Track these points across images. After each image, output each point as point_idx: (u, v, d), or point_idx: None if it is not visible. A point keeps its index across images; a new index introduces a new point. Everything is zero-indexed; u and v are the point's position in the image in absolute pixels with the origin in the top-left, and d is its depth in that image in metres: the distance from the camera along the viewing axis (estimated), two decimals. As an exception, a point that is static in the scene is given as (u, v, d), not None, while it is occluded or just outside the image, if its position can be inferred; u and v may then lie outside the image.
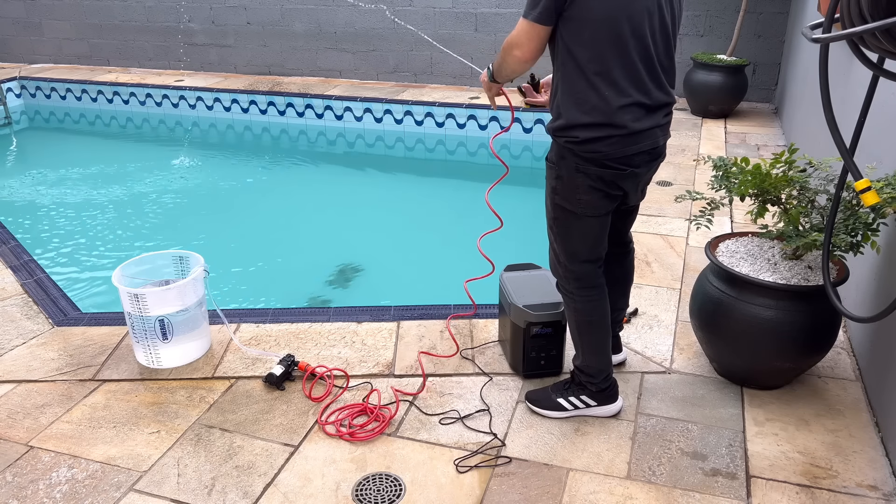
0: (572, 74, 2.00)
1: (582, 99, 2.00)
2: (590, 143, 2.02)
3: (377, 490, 2.14)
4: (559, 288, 2.34)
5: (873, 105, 2.58)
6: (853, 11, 1.54)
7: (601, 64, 1.96)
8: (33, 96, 7.73)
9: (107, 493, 2.16)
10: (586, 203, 2.12)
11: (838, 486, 2.14)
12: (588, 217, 2.14)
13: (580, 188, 2.09)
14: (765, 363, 2.48)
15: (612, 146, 2.02)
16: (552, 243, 2.27)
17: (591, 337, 2.32)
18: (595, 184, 2.08)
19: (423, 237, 4.49)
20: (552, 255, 2.31)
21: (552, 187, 2.16)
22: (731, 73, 5.73)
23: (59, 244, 4.44)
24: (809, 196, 2.46)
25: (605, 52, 1.95)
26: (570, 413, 2.43)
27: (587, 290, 2.26)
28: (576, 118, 2.01)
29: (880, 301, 2.47)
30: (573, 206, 2.13)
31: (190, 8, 7.55)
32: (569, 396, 2.42)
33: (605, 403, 2.41)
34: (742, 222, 3.94)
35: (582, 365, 2.37)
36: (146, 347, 2.71)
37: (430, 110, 6.41)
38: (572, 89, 2.01)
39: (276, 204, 5.09)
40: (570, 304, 2.30)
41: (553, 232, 2.24)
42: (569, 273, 2.25)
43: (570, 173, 2.08)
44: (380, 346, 2.86)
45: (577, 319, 2.31)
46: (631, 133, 2.01)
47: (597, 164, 2.05)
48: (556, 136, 2.09)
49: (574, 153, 2.06)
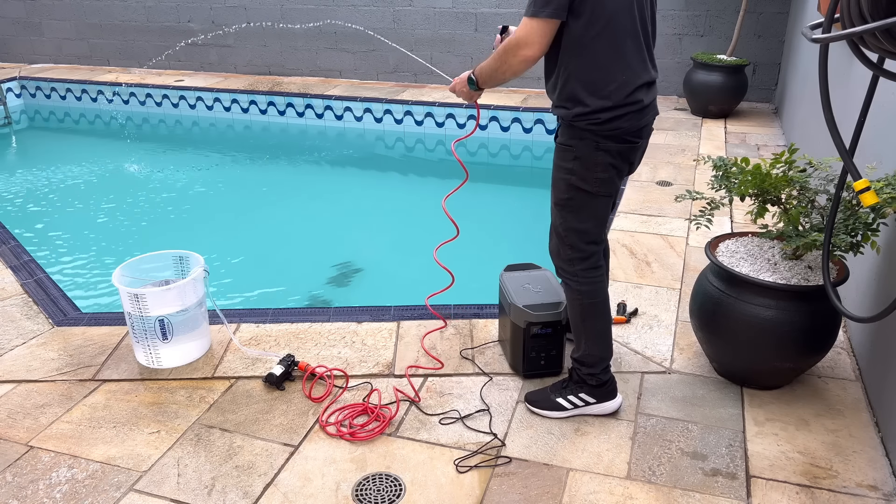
0: (587, 64, 2.08)
1: (601, 85, 2.09)
2: (611, 122, 2.12)
3: (377, 490, 2.15)
4: (562, 273, 2.35)
5: (873, 105, 2.58)
6: (853, 11, 1.54)
7: (616, 50, 2.07)
8: (33, 96, 7.73)
9: (107, 493, 2.16)
10: (602, 181, 2.20)
11: (838, 486, 2.14)
12: (601, 196, 2.23)
13: (599, 166, 2.18)
14: (765, 363, 2.48)
15: (630, 121, 2.14)
16: (559, 228, 2.29)
17: (594, 321, 2.34)
18: (614, 160, 2.18)
19: (423, 237, 4.49)
20: (557, 240, 2.32)
21: (568, 169, 2.21)
22: (731, 73, 5.73)
23: (59, 244, 4.44)
24: (809, 196, 2.47)
25: (619, 39, 2.06)
26: (569, 412, 2.43)
27: (592, 270, 2.31)
28: (597, 103, 2.10)
29: (880, 301, 2.47)
30: (590, 185, 2.20)
31: (190, 8, 7.55)
32: (567, 395, 2.42)
33: (604, 400, 2.42)
34: (742, 222, 3.94)
35: (583, 356, 2.37)
36: (146, 347, 2.71)
37: (430, 110, 6.42)
38: (588, 78, 2.09)
39: (276, 204, 5.09)
40: (576, 287, 2.32)
41: (564, 214, 2.27)
42: (576, 254, 2.29)
43: (590, 152, 2.16)
44: (380, 346, 2.86)
45: (583, 303, 2.32)
46: (643, 108, 2.16)
47: (616, 140, 2.15)
48: (575, 121, 2.16)
49: (595, 133, 2.14)
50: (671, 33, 6.34)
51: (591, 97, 2.10)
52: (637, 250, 3.59)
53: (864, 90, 1.88)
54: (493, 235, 2.95)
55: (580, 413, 2.43)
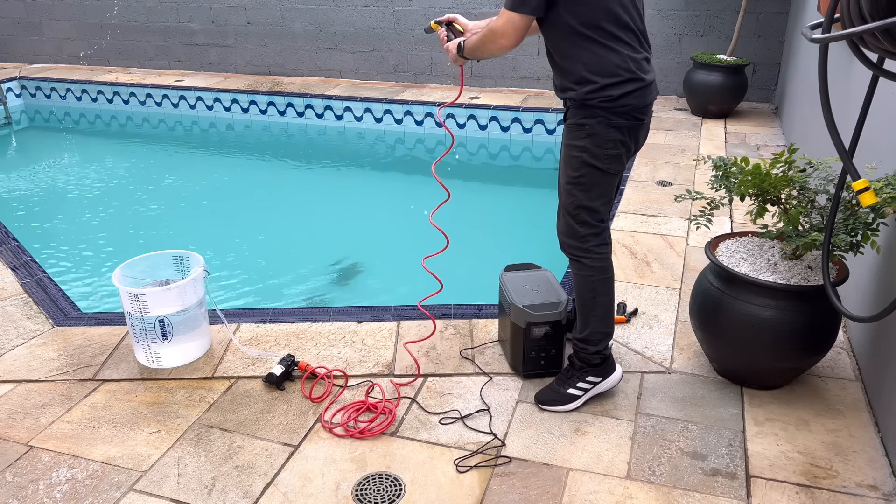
0: (590, 46, 2.17)
1: (606, 63, 2.17)
2: (622, 98, 2.20)
3: (377, 490, 2.15)
4: (574, 252, 2.39)
5: (873, 105, 2.58)
6: (853, 11, 1.54)
7: (615, 30, 2.16)
8: (33, 96, 7.73)
9: (107, 492, 2.16)
10: (614, 158, 2.27)
11: (838, 485, 2.14)
12: (611, 174, 2.31)
13: (611, 142, 2.25)
14: (764, 363, 2.48)
15: (637, 98, 2.22)
16: (569, 207, 2.35)
17: (605, 297, 2.40)
18: (623, 137, 2.26)
19: (423, 237, 4.49)
20: (569, 219, 2.36)
21: (580, 147, 2.28)
22: (731, 73, 5.73)
23: (59, 244, 4.44)
24: (809, 196, 2.47)
25: (615, 20, 2.16)
26: (583, 398, 2.47)
27: (603, 246, 2.38)
28: (606, 80, 2.18)
29: (880, 301, 2.47)
30: (602, 162, 2.27)
31: (190, 8, 7.55)
32: (576, 383, 2.46)
33: (608, 375, 2.49)
34: (742, 222, 3.94)
35: (589, 334, 2.42)
36: (146, 347, 2.71)
37: (430, 110, 6.41)
38: (593, 59, 2.18)
39: (276, 204, 5.09)
40: (588, 264, 2.37)
41: (576, 192, 2.32)
42: (589, 231, 2.34)
43: (603, 128, 2.23)
44: (380, 346, 2.87)
45: (595, 279, 2.38)
46: (647, 84, 2.23)
47: (625, 117, 2.23)
48: (587, 99, 2.22)
49: (606, 110, 2.21)
50: (671, 33, 6.34)
51: (597, 76, 2.18)
52: (637, 250, 3.59)
53: (863, 90, 1.88)
54: (493, 235, 2.95)
55: (592, 394, 2.49)
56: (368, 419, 2.43)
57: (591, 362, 2.45)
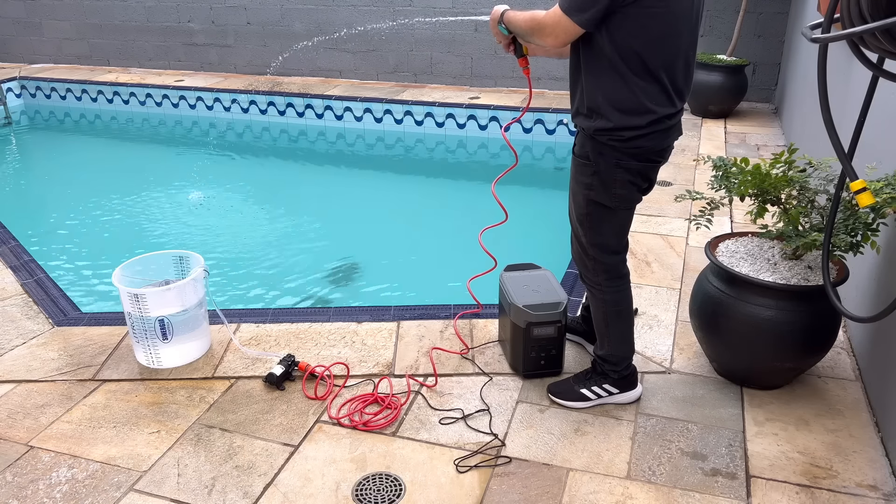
0: (619, 79, 2.00)
1: (631, 105, 2.02)
2: (635, 140, 2.07)
3: (377, 490, 2.15)
4: (585, 281, 2.37)
5: (873, 105, 2.58)
6: (853, 11, 1.54)
7: (652, 77, 1.99)
8: (33, 96, 7.73)
9: (107, 493, 2.16)
10: (621, 197, 2.17)
11: (838, 486, 2.14)
12: (621, 210, 2.21)
13: (618, 183, 2.13)
14: (764, 363, 2.48)
15: (654, 140, 2.09)
16: (579, 238, 2.30)
17: (619, 327, 2.37)
18: (633, 178, 2.13)
19: (423, 237, 4.50)
20: (579, 250, 2.33)
21: (586, 184, 2.17)
22: (731, 73, 5.73)
23: (59, 244, 4.44)
24: (809, 196, 2.47)
25: (666, 56, 1.98)
26: (594, 402, 2.47)
27: (615, 280, 2.32)
28: (624, 122, 2.03)
29: (880, 301, 2.47)
30: (608, 200, 2.17)
31: (190, 8, 7.55)
32: (592, 386, 2.46)
33: (626, 390, 2.47)
34: (742, 222, 3.94)
35: (606, 354, 2.41)
36: (146, 347, 2.71)
37: (430, 110, 6.41)
38: (618, 95, 2.01)
39: (276, 204, 5.09)
40: (599, 296, 2.34)
41: (583, 227, 2.26)
42: (598, 266, 2.29)
43: (609, 169, 2.12)
44: (380, 346, 2.87)
45: (606, 311, 2.35)
46: (668, 128, 2.10)
47: (638, 159, 2.10)
48: (596, 136, 2.10)
49: (616, 149, 2.09)
50: (671, 33, 6.34)
51: (615, 113, 2.03)
52: (637, 250, 3.59)
53: (863, 90, 1.88)
54: (492, 235, 2.95)
55: (604, 402, 2.48)
56: (374, 412, 2.44)
57: (609, 375, 2.45)
